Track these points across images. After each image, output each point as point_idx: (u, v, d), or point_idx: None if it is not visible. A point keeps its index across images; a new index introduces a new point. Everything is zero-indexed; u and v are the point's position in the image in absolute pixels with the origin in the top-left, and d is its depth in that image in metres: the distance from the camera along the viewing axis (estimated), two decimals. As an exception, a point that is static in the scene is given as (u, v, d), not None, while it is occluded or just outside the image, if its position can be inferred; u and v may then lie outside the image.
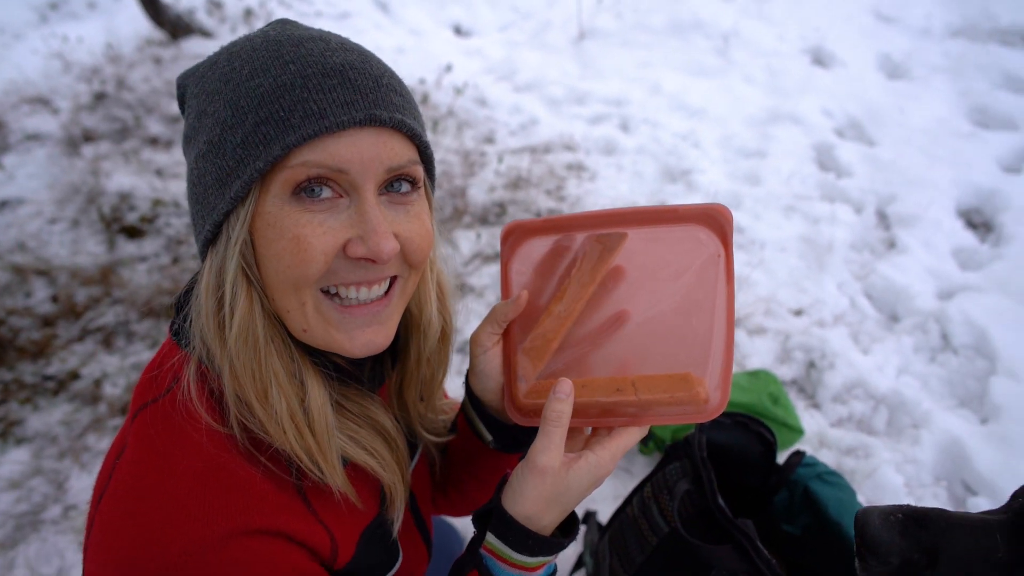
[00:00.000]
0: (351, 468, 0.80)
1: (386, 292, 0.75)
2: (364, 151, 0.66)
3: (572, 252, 0.81)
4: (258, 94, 0.65)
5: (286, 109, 0.64)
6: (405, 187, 0.73)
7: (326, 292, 0.71)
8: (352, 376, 0.82)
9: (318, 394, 0.74)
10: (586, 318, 0.80)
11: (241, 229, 0.67)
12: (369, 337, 0.73)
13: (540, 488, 0.74)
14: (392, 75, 0.73)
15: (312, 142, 0.64)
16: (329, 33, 0.72)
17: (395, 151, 0.69)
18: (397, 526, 0.88)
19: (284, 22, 0.75)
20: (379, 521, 0.86)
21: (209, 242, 0.71)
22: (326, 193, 0.67)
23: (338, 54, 0.68)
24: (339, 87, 0.65)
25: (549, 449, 0.74)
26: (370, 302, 0.73)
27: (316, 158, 0.65)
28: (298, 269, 0.67)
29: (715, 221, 0.75)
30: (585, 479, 0.75)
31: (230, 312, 0.68)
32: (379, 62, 0.72)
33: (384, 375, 0.92)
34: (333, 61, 0.67)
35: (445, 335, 0.94)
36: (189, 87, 0.74)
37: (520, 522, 0.75)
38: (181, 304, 0.78)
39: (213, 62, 0.71)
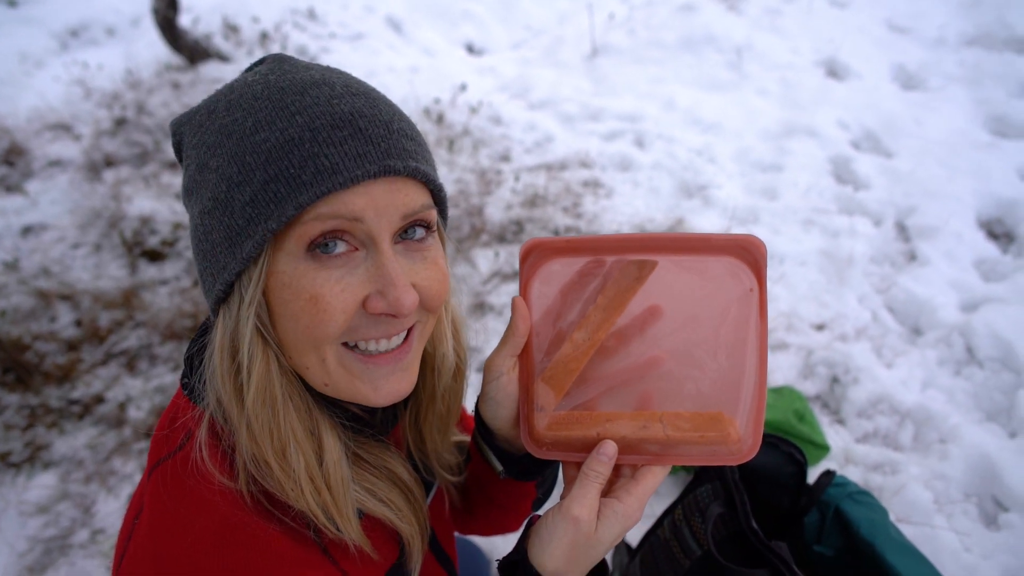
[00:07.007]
0: (368, 517, 0.78)
1: (405, 339, 0.73)
2: (378, 200, 0.64)
3: (597, 276, 0.76)
4: (264, 149, 0.62)
5: (296, 166, 0.61)
6: (420, 232, 0.70)
7: (346, 345, 0.69)
8: (366, 423, 0.80)
9: (333, 448, 0.72)
10: (612, 349, 0.77)
11: (255, 290, 0.65)
12: (394, 386, 0.71)
13: (570, 537, 0.72)
14: (402, 118, 0.70)
15: (325, 197, 0.62)
16: (330, 72, 0.69)
17: (410, 197, 0.67)
18: (416, 574, 0.87)
19: (280, 60, 0.71)
20: (400, 564, 0.85)
21: (221, 300, 0.68)
22: (340, 247, 0.64)
23: (345, 100, 0.64)
24: (350, 139, 0.62)
25: (585, 500, 0.72)
26: (392, 351, 0.71)
27: (329, 210, 0.62)
28: (318, 329, 0.65)
29: (749, 254, 0.72)
30: (614, 529, 0.73)
31: (248, 375, 0.66)
32: (388, 105, 0.69)
33: (396, 416, 0.90)
34: (341, 109, 0.63)
35: (459, 371, 0.92)
36: (185, 135, 0.71)
37: None
38: (193, 359, 0.75)
39: (211, 111, 0.68)
